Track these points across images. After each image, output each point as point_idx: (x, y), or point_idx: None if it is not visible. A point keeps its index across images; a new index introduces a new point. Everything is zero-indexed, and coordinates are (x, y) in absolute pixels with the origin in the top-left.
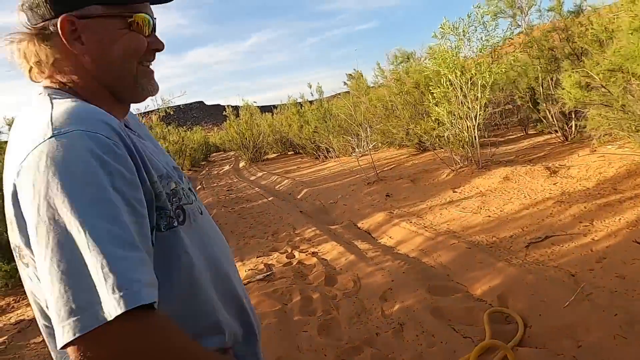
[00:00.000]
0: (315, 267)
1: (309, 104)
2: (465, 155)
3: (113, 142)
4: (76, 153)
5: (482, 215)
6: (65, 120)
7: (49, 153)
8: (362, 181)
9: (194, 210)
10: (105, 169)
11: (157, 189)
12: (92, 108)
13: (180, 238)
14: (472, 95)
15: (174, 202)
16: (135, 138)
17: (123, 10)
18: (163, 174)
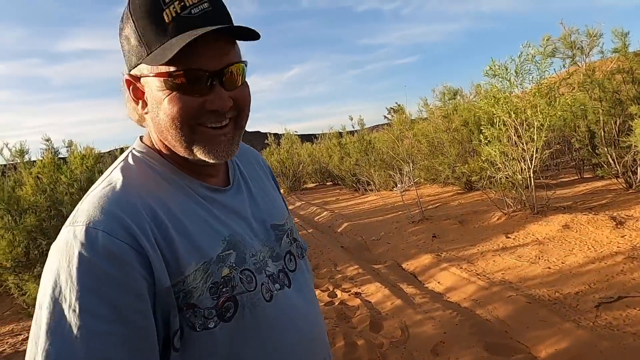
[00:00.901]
0: (359, 310)
1: (350, 135)
2: (519, 198)
3: (117, 242)
4: (70, 256)
5: (541, 266)
6: (86, 207)
7: (57, 245)
8: (406, 219)
9: (256, 297)
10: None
11: (189, 286)
12: (122, 193)
13: (219, 339)
14: (527, 137)
15: (223, 292)
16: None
17: (165, 68)
18: (212, 259)
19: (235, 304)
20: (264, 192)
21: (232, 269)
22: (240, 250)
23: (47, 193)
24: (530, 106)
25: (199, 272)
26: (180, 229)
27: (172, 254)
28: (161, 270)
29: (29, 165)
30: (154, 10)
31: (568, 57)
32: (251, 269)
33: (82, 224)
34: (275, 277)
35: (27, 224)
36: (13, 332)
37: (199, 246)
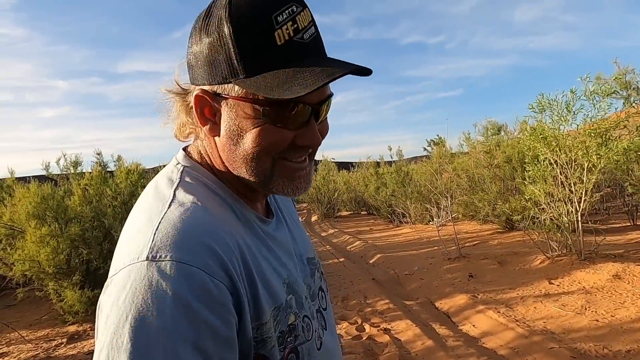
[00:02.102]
0: (388, 347)
1: (387, 165)
2: (564, 242)
3: (212, 280)
4: (160, 296)
5: (588, 318)
6: (169, 238)
7: (134, 283)
8: (442, 255)
9: (312, 347)
10: (190, 322)
11: (265, 334)
12: (209, 223)
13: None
14: (576, 178)
15: (288, 342)
16: (254, 256)
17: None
18: (282, 304)
19: (297, 356)
20: (296, 223)
21: (297, 316)
22: (297, 294)
23: (93, 204)
24: (582, 146)
25: (272, 320)
26: (259, 271)
27: (254, 301)
28: (248, 317)
29: (79, 177)
30: (265, 27)
31: (622, 98)
32: (308, 315)
33: (172, 259)
34: (319, 318)
35: (71, 232)
36: (48, 337)
37: (272, 291)
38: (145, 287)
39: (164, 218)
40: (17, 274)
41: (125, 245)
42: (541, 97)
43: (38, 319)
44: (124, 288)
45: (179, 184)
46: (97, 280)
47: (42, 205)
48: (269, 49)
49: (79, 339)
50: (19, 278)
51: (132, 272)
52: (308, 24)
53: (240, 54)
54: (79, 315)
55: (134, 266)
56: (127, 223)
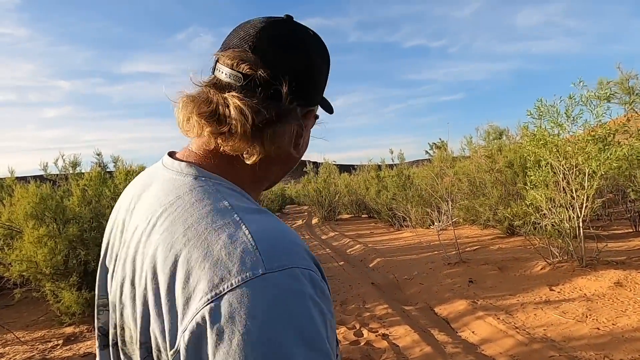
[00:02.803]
0: (386, 354)
1: (388, 168)
2: (566, 249)
3: (321, 280)
4: (299, 302)
5: (589, 326)
6: (274, 249)
7: (266, 298)
8: (442, 259)
9: None
10: (322, 319)
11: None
12: (286, 227)
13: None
14: (577, 184)
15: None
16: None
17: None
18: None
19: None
20: None
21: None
22: None
23: (92, 205)
24: (583, 152)
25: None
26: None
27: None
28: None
29: (78, 177)
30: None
31: (626, 103)
32: None
33: (293, 266)
34: None
35: (69, 233)
36: (44, 338)
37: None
38: (283, 297)
39: (250, 230)
40: (15, 275)
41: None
42: (539, 103)
43: (35, 319)
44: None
45: (223, 195)
46: (95, 281)
47: (41, 206)
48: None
49: (75, 340)
50: (17, 278)
51: (257, 288)
52: None
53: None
54: (76, 316)
55: (256, 281)
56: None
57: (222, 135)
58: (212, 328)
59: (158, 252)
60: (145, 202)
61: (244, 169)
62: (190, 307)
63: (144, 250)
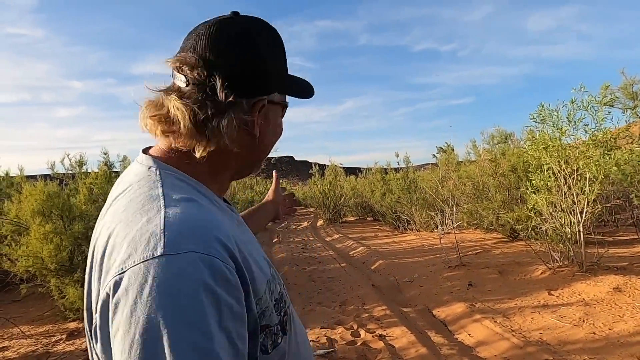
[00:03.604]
0: (381, 354)
1: (394, 171)
2: (566, 253)
3: (227, 267)
4: (187, 285)
5: (585, 330)
6: (180, 234)
7: (157, 277)
8: (443, 263)
9: (293, 311)
10: (216, 306)
11: (264, 305)
12: (208, 216)
13: (284, 353)
14: (578, 189)
15: (281, 307)
16: (241, 241)
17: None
18: (270, 278)
19: (289, 316)
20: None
21: (280, 285)
22: (273, 267)
23: (98, 203)
24: (584, 157)
25: (267, 292)
26: (249, 252)
27: (251, 277)
28: (251, 295)
29: (84, 176)
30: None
31: (629, 108)
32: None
33: (192, 250)
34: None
35: (75, 230)
36: (48, 333)
37: (262, 268)
38: (171, 282)
39: (166, 216)
40: (21, 270)
41: (126, 244)
42: (541, 107)
43: (41, 314)
44: (145, 285)
45: (162, 183)
46: None
47: (48, 203)
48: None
49: (78, 335)
50: (23, 274)
51: (152, 268)
52: None
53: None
54: (80, 312)
55: (153, 261)
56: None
57: (173, 133)
58: (112, 299)
59: (102, 231)
60: (113, 191)
61: (200, 162)
62: (106, 279)
63: (96, 231)
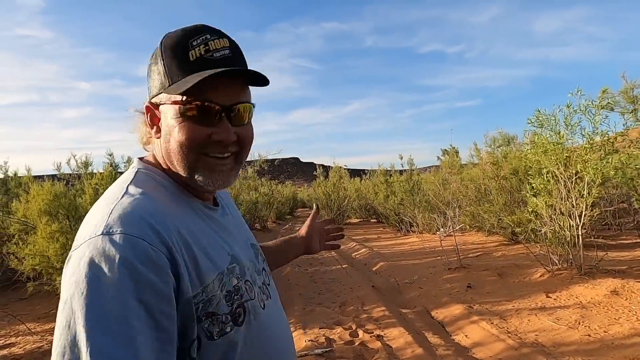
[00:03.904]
0: (378, 354)
1: (398, 174)
2: (565, 256)
3: (153, 250)
4: (111, 260)
5: (580, 332)
6: (119, 218)
7: (91, 252)
8: (443, 265)
9: (256, 305)
10: (135, 280)
11: (210, 294)
12: (150, 207)
13: (235, 343)
14: (577, 192)
15: (235, 299)
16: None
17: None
18: (223, 270)
19: (244, 310)
20: (239, 216)
21: (239, 279)
22: (240, 263)
23: None
24: (581, 160)
25: (216, 282)
26: (199, 245)
27: (195, 267)
28: (186, 281)
29: (90, 177)
30: (182, 49)
31: (629, 112)
32: (250, 280)
33: (122, 232)
34: (263, 289)
35: None
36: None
37: (214, 260)
38: (100, 254)
39: (116, 204)
40: (27, 268)
41: (85, 226)
42: (538, 112)
43: (47, 312)
44: (84, 256)
45: (131, 181)
46: None
47: (55, 203)
48: (184, 64)
49: None
50: (29, 272)
51: (91, 244)
52: (221, 47)
53: (167, 71)
54: None
55: (92, 240)
56: (90, 211)
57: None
58: (64, 270)
59: None
60: None
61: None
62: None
63: None
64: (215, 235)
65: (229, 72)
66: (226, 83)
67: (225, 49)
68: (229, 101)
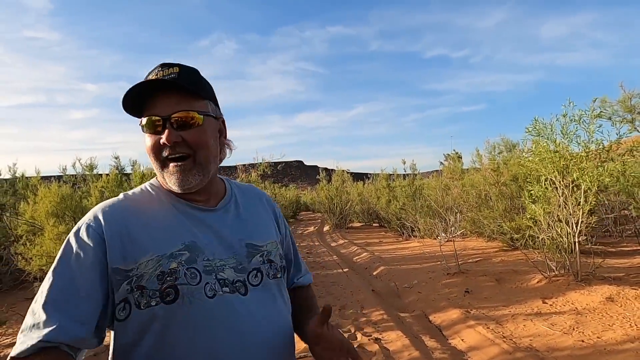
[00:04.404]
0: (375, 356)
1: (401, 178)
2: (562, 263)
3: (87, 229)
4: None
5: (574, 338)
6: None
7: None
8: (442, 270)
9: (195, 291)
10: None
11: (142, 270)
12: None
13: (158, 317)
14: (574, 200)
15: (167, 280)
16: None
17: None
18: (165, 254)
19: (176, 292)
20: (254, 218)
21: (180, 265)
22: (194, 253)
23: None
24: (578, 168)
25: (152, 262)
26: (143, 232)
27: (131, 247)
28: (114, 254)
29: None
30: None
31: (628, 122)
32: (198, 269)
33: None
34: (228, 283)
35: None
36: None
37: (156, 244)
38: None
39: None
40: (35, 269)
41: None
42: (535, 121)
43: None
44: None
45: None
46: None
47: (62, 205)
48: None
49: None
50: (37, 272)
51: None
52: (169, 73)
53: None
54: None
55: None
56: None
57: None
58: None
59: None
60: None
61: None
62: None
63: None
64: (177, 227)
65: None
66: (163, 99)
67: (173, 74)
68: (168, 112)
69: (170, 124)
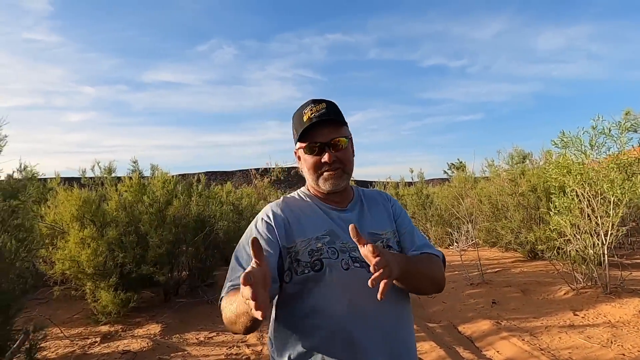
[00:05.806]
0: None
1: (407, 186)
2: (589, 275)
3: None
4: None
5: (614, 351)
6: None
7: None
8: (464, 280)
9: (333, 264)
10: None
11: (299, 248)
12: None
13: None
14: (602, 211)
15: (315, 255)
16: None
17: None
18: (311, 237)
19: (321, 263)
20: (374, 215)
21: (324, 245)
22: (333, 237)
23: (128, 210)
24: (607, 180)
25: (304, 242)
26: (298, 223)
27: (291, 232)
28: (281, 236)
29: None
30: (301, 115)
31: None
32: (336, 248)
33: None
34: (358, 260)
35: (109, 236)
36: (81, 335)
37: (306, 230)
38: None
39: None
40: (57, 273)
41: None
42: (562, 134)
43: (70, 317)
44: None
45: (287, 194)
46: (130, 283)
47: (83, 209)
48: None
49: (112, 339)
50: (58, 276)
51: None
52: (321, 109)
53: (295, 130)
54: (112, 315)
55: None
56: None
57: None
58: None
59: None
60: None
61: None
62: None
63: None
64: (320, 220)
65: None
66: (322, 129)
67: (322, 110)
68: (327, 139)
69: (329, 147)
